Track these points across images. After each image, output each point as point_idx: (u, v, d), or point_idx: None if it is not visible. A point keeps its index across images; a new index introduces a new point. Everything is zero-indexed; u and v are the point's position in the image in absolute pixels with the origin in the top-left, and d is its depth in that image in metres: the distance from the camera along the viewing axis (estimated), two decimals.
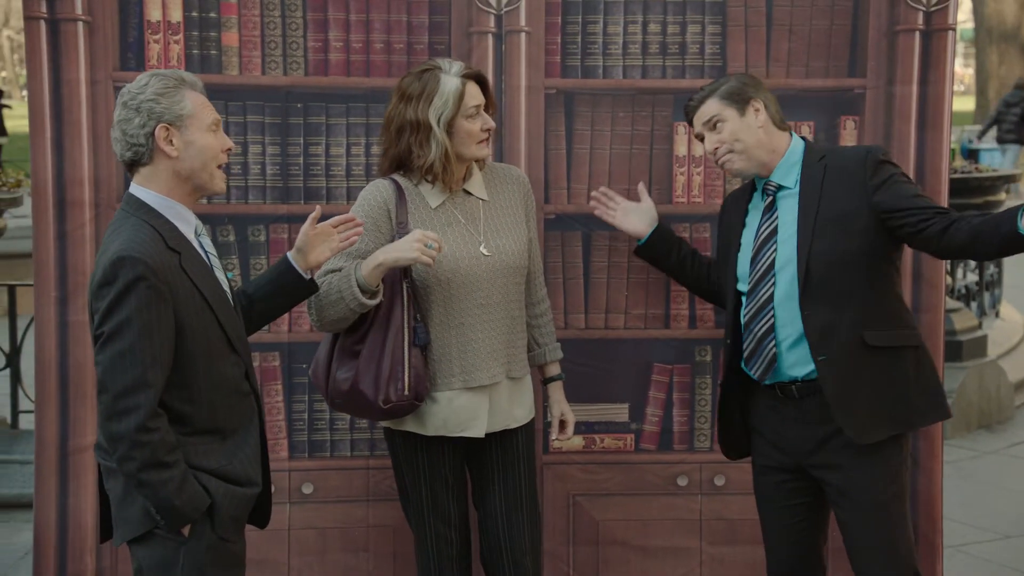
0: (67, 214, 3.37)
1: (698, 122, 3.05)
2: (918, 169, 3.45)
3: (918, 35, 3.44)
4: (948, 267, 6.72)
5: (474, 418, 3.01)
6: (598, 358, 3.50)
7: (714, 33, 3.47)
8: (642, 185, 3.39)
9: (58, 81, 3.35)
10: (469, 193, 3.07)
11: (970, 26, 26.21)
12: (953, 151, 8.68)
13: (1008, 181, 7.46)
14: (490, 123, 3.01)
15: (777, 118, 3.04)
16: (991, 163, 12.81)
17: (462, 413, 3.00)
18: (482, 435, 3.02)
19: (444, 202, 3.04)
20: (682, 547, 3.56)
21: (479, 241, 3.03)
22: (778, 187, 3.02)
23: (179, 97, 2.54)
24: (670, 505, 3.56)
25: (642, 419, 3.55)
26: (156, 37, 3.38)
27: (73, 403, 3.39)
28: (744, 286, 3.03)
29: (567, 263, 3.50)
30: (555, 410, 3.26)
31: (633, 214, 3.34)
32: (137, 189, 2.57)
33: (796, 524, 3.08)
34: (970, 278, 7.61)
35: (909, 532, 3.00)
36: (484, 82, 3.03)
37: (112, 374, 2.41)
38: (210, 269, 2.61)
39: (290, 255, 2.83)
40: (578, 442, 3.50)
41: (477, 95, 2.99)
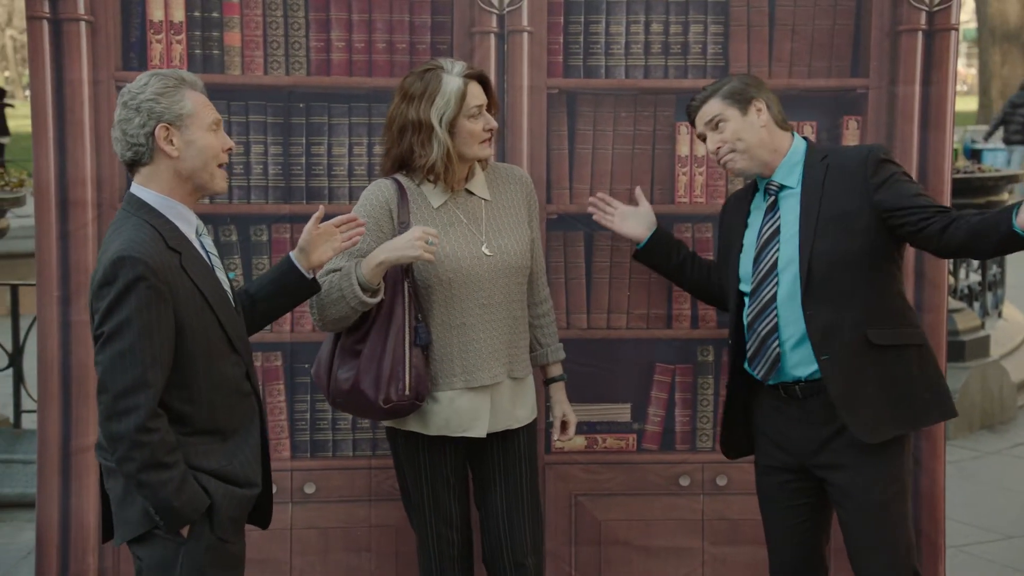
0: (69, 214, 3.37)
1: (700, 122, 3.05)
2: (921, 169, 3.44)
3: (921, 35, 3.43)
4: (951, 267, 6.71)
5: (476, 418, 3.01)
6: (600, 358, 3.50)
7: (716, 33, 3.47)
8: (639, 189, 3.39)
9: (61, 81, 3.35)
10: (471, 193, 3.07)
11: (973, 26, 26.20)
12: (956, 151, 8.67)
13: (1011, 181, 7.45)
14: (492, 123, 3.01)
15: (779, 118, 3.04)
16: (994, 163, 12.79)
17: (464, 413, 3.00)
18: (484, 435, 3.02)
19: (446, 202, 3.03)
20: (684, 547, 3.56)
21: (481, 241, 3.03)
22: (780, 187, 3.02)
23: (179, 97, 2.53)
24: (672, 505, 3.56)
25: (644, 419, 3.55)
26: (158, 37, 3.38)
27: (75, 403, 3.40)
28: (747, 286, 3.03)
29: (569, 263, 3.50)
30: (557, 411, 3.25)
31: (631, 218, 3.34)
32: (138, 189, 2.57)
33: (799, 524, 3.08)
34: (973, 278, 7.59)
35: (910, 532, 3.00)
36: (487, 82, 3.03)
37: (112, 374, 2.40)
38: (211, 269, 2.61)
39: (293, 255, 2.82)
40: (580, 442, 3.50)
41: (479, 95, 2.99)
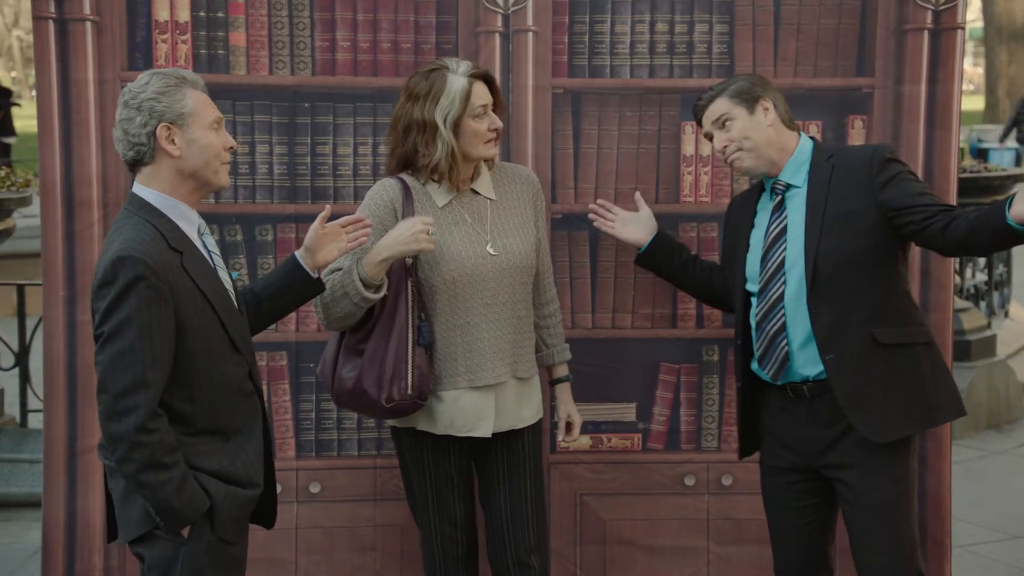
0: (75, 214, 3.38)
1: (707, 121, 3.05)
2: (927, 168, 3.44)
3: (927, 34, 3.43)
4: (957, 266, 6.70)
5: (481, 418, 3.01)
6: (605, 358, 3.50)
7: (721, 32, 3.47)
8: (639, 195, 3.38)
9: (66, 81, 3.36)
10: (476, 192, 3.07)
11: (980, 25, 26.15)
12: (962, 151, 8.63)
13: (1018, 181, 7.43)
14: (497, 123, 3.00)
15: (786, 117, 3.04)
16: (1000, 163, 12.77)
17: (468, 413, 3.00)
18: (489, 435, 3.02)
19: (451, 201, 3.03)
20: (689, 547, 3.56)
21: (486, 240, 3.02)
22: (787, 186, 3.01)
23: (180, 96, 2.53)
24: (677, 505, 3.56)
25: (649, 419, 3.55)
26: (164, 37, 3.39)
27: (81, 402, 3.40)
28: (754, 286, 3.03)
29: (574, 262, 3.50)
30: (562, 412, 3.25)
31: (632, 223, 3.33)
32: (140, 188, 2.56)
33: (805, 525, 3.07)
34: (979, 277, 7.58)
35: (914, 532, 2.99)
36: (492, 82, 3.03)
37: (112, 374, 2.40)
38: (213, 269, 2.60)
39: (298, 254, 2.82)
40: (585, 441, 3.50)
41: (484, 95, 2.98)
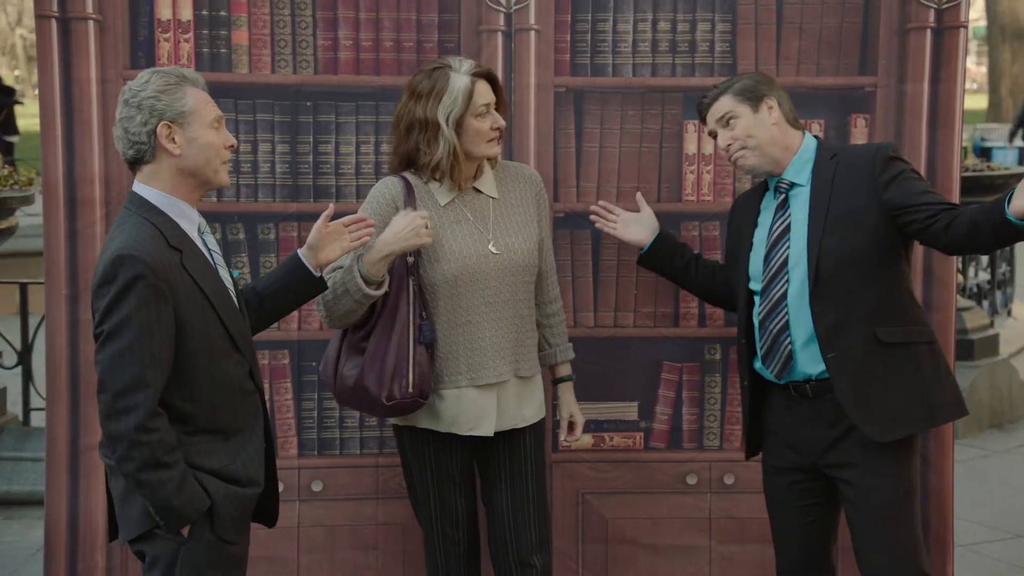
0: (77, 212, 3.38)
1: (711, 119, 3.04)
2: (929, 167, 3.44)
3: (929, 33, 3.42)
4: (960, 265, 6.68)
5: (483, 417, 3.01)
6: (607, 356, 3.50)
7: (724, 31, 3.47)
8: (640, 195, 3.38)
9: (69, 79, 3.36)
10: (479, 191, 3.07)
11: (983, 24, 26.11)
12: (965, 149, 8.62)
13: (1021, 179, 7.44)
14: (500, 122, 3.00)
15: (790, 116, 3.03)
16: (1004, 161, 12.76)
17: (470, 411, 3.00)
18: (491, 434, 3.02)
19: (453, 200, 3.03)
20: (691, 545, 3.56)
21: (488, 239, 3.02)
22: (791, 185, 3.01)
23: (180, 94, 2.52)
24: (679, 503, 3.56)
25: (651, 417, 3.55)
26: (166, 35, 3.39)
27: (84, 401, 3.40)
28: (757, 285, 3.02)
29: (576, 261, 3.50)
30: (564, 411, 3.25)
31: (634, 224, 3.33)
32: (140, 187, 2.56)
33: (807, 525, 3.07)
34: (982, 276, 7.57)
35: (918, 532, 2.98)
36: (495, 81, 3.02)
37: (111, 373, 2.40)
38: (213, 267, 2.60)
39: (300, 252, 2.82)
40: (587, 440, 3.50)
41: (487, 93, 2.98)
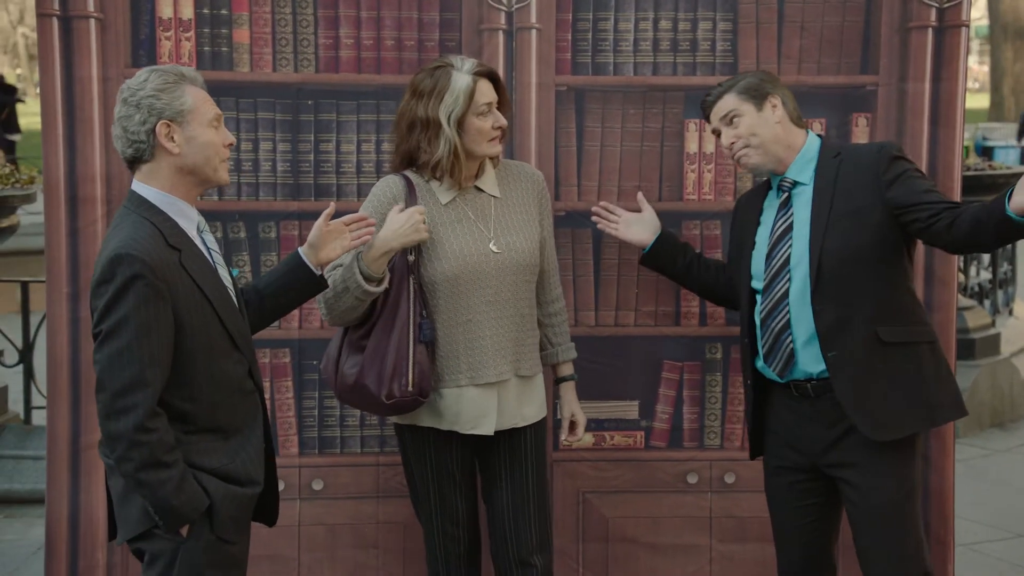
0: (79, 210, 3.38)
1: (715, 117, 3.04)
2: (931, 166, 3.43)
3: (931, 32, 3.42)
4: (961, 264, 6.69)
5: (483, 415, 3.00)
6: (608, 355, 3.50)
7: (725, 30, 3.46)
8: (641, 195, 3.38)
9: (70, 78, 3.36)
10: (480, 190, 3.07)
11: (985, 23, 26.10)
12: (967, 148, 8.63)
13: (1022, 177, 7.42)
14: (502, 121, 3.00)
15: (794, 115, 3.03)
16: (1005, 160, 12.76)
17: (471, 410, 3.00)
18: (491, 433, 3.02)
19: (455, 198, 3.03)
20: (692, 544, 3.56)
21: (489, 238, 3.02)
22: (794, 183, 3.00)
23: (179, 93, 2.52)
24: (680, 502, 3.56)
25: (652, 416, 3.55)
26: (167, 34, 3.39)
27: (85, 399, 3.40)
28: (759, 283, 3.02)
29: (577, 260, 3.50)
30: (566, 411, 3.24)
31: (635, 224, 3.33)
32: (139, 186, 2.56)
33: (808, 524, 3.07)
34: (983, 276, 7.57)
35: (920, 532, 2.98)
36: (497, 80, 3.02)
37: (110, 372, 2.39)
38: (212, 266, 2.59)
39: (301, 251, 2.82)
40: (588, 439, 3.50)
41: (489, 92, 2.98)
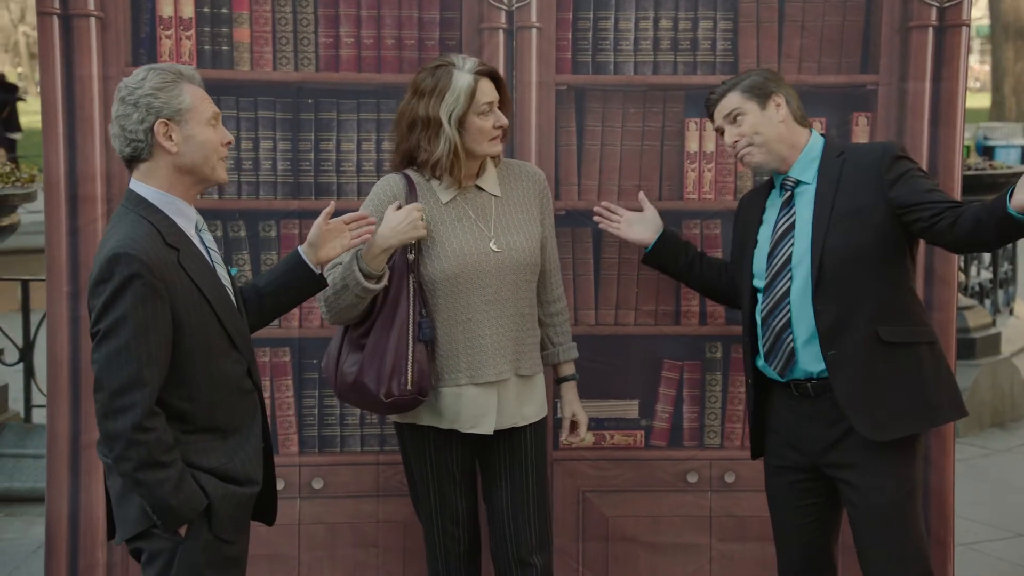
0: (79, 209, 3.38)
1: (719, 115, 3.04)
2: (931, 166, 3.43)
3: (931, 31, 3.42)
4: (962, 264, 6.69)
5: (483, 415, 3.00)
6: (608, 354, 3.50)
7: (726, 29, 3.46)
8: (643, 194, 3.38)
9: (70, 77, 3.36)
10: (481, 189, 3.07)
11: (986, 22, 26.07)
12: (968, 148, 8.62)
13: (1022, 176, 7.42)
14: (503, 120, 2.99)
15: (798, 114, 3.03)
16: (1006, 160, 12.76)
17: (471, 409, 3.00)
18: (491, 432, 3.01)
19: (455, 197, 3.03)
20: (692, 544, 3.56)
21: (489, 237, 3.02)
22: (796, 182, 3.00)
23: (177, 91, 2.51)
24: (680, 502, 3.56)
25: (652, 415, 3.55)
26: (168, 33, 3.39)
27: (85, 398, 3.41)
28: (760, 282, 3.02)
29: (577, 259, 3.49)
30: (567, 411, 3.24)
31: (637, 224, 3.33)
32: (137, 185, 2.55)
33: (808, 524, 3.06)
34: (984, 275, 7.57)
35: (921, 532, 2.98)
36: (499, 79, 3.02)
37: (108, 372, 2.39)
38: (210, 265, 2.59)
39: (301, 249, 2.82)
40: (588, 438, 3.49)
41: (490, 92, 2.98)
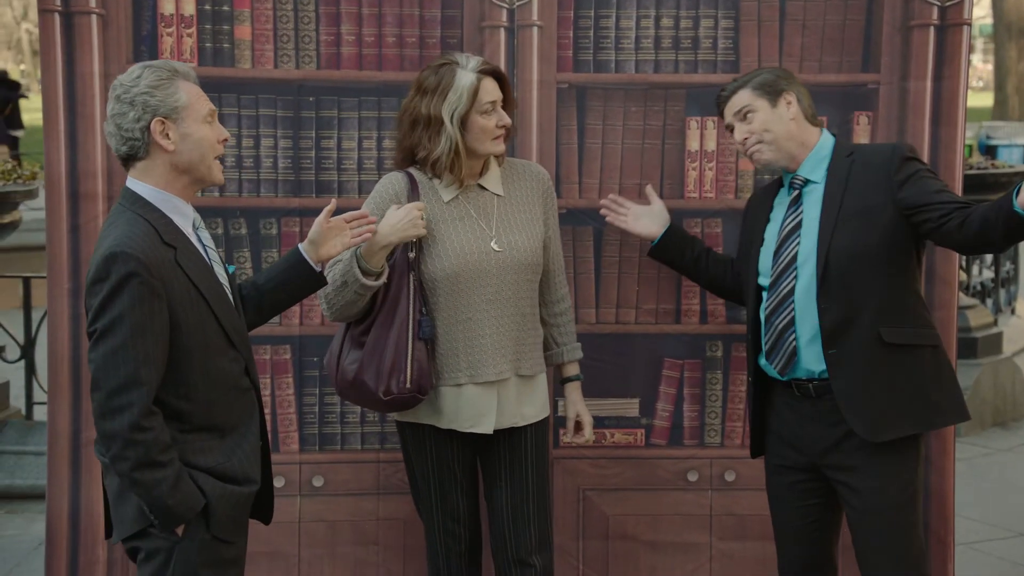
0: (80, 207, 3.38)
1: (729, 112, 3.03)
2: (932, 165, 3.41)
3: (932, 30, 3.42)
4: (963, 263, 6.69)
5: (483, 414, 3.00)
6: (609, 353, 3.50)
7: (727, 28, 3.46)
8: (650, 187, 3.38)
9: (72, 74, 3.36)
10: (484, 188, 3.07)
11: (989, 21, 26.06)
12: (969, 147, 8.62)
13: None
14: (506, 119, 2.99)
15: (809, 112, 3.02)
16: (1009, 159, 12.75)
17: (470, 408, 3.00)
18: (490, 431, 3.01)
19: (457, 196, 3.03)
20: (692, 543, 3.56)
21: (490, 236, 3.02)
22: (805, 181, 3.00)
23: (173, 89, 2.50)
24: (680, 500, 3.56)
25: (652, 414, 3.55)
26: (169, 30, 3.39)
27: (85, 395, 3.39)
28: (765, 280, 3.02)
29: (578, 258, 3.49)
30: (571, 411, 3.23)
31: (644, 217, 3.33)
32: (133, 183, 2.54)
33: (809, 524, 3.06)
34: (986, 274, 7.57)
35: (920, 537, 2.97)
36: (502, 78, 3.01)
37: (105, 371, 2.39)
38: (208, 263, 2.58)
39: (302, 247, 2.82)
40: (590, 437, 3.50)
41: (493, 91, 2.97)
